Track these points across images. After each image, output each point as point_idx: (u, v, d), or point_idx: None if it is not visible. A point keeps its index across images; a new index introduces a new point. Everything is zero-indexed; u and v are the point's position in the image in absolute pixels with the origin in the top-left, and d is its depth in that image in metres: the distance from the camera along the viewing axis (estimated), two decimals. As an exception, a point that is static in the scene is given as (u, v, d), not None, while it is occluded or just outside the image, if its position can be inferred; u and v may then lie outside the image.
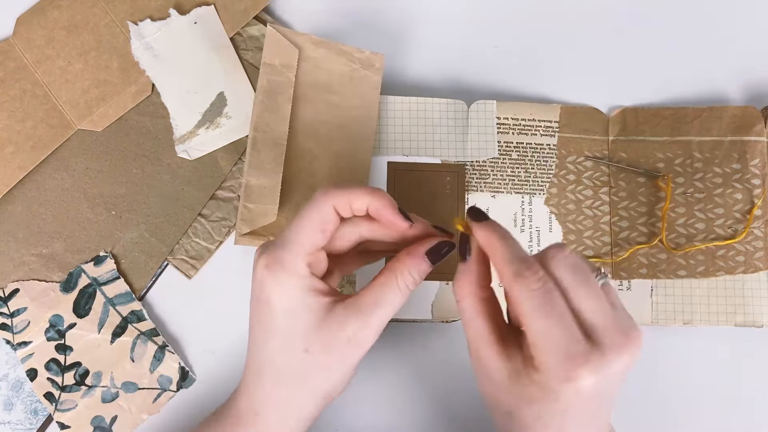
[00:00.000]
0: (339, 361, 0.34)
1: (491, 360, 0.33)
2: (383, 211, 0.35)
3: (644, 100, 0.51)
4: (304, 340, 0.34)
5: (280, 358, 0.34)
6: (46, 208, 0.47)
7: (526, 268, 0.31)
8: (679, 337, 0.48)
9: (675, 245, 0.48)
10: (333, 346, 0.34)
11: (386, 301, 0.34)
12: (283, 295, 0.34)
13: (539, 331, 0.30)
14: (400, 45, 0.51)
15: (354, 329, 0.33)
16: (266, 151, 0.45)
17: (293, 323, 0.34)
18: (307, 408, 0.35)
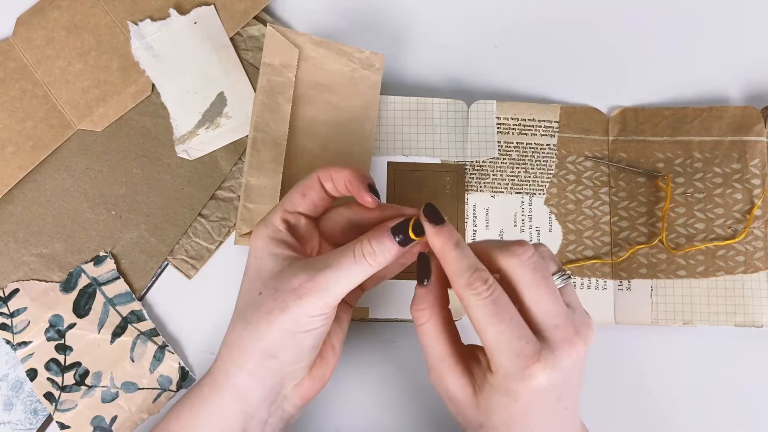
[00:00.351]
0: (280, 308, 0.34)
1: (454, 382, 0.35)
2: (354, 182, 0.36)
3: (644, 100, 0.51)
4: (261, 284, 0.35)
5: (242, 301, 0.36)
6: (46, 208, 0.47)
7: (476, 278, 0.33)
8: (679, 337, 0.48)
9: (675, 245, 0.48)
10: (279, 291, 0.34)
11: (336, 263, 0.34)
12: (256, 242, 0.37)
13: (492, 337, 0.32)
14: (400, 45, 0.51)
15: (300, 280, 0.34)
16: (266, 151, 0.45)
17: (259, 268, 0.36)
18: (250, 359, 0.35)
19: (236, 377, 0.35)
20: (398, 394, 0.47)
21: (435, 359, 0.36)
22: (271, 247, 0.36)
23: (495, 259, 0.34)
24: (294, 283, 0.34)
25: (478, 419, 0.35)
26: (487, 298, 0.32)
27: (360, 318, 0.46)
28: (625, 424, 0.46)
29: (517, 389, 0.33)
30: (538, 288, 0.33)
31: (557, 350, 0.33)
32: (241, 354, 0.35)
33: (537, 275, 0.33)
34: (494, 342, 0.32)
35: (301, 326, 0.34)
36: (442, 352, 0.35)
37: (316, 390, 0.38)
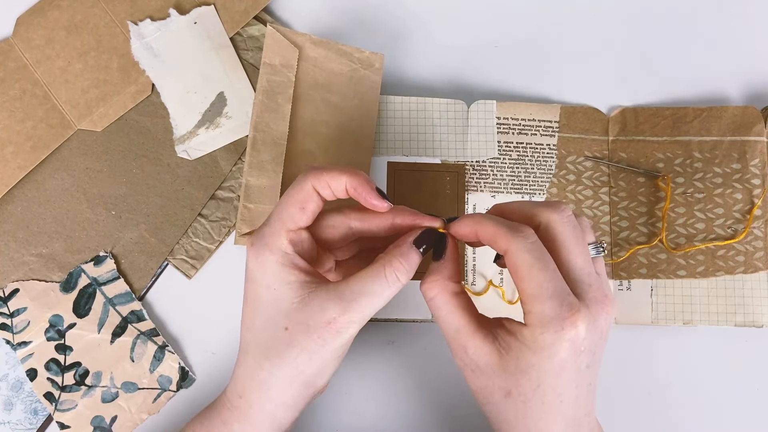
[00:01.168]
0: (318, 344, 0.34)
1: (478, 347, 0.34)
2: (360, 189, 0.35)
3: (644, 100, 0.51)
4: (285, 318, 0.34)
5: (262, 335, 0.35)
6: (46, 208, 0.47)
7: (520, 225, 0.33)
8: (679, 337, 0.48)
9: (675, 245, 0.48)
10: (312, 327, 0.33)
11: (370, 290, 0.34)
12: (264, 270, 0.35)
13: (537, 282, 0.32)
14: (400, 45, 0.51)
15: (334, 314, 0.33)
16: (266, 151, 0.45)
17: (275, 299, 0.34)
18: (287, 391, 0.35)
19: (273, 412, 0.35)
20: (398, 394, 0.47)
21: (453, 330, 0.34)
22: (284, 274, 0.34)
23: (536, 214, 0.34)
24: (328, 316, 0.33)
25: (505, 386, 0.33)
26: (534, 243, 0.32)
27: (360, 318, 0.46)
28: (624, 424, 0.46)
29: (554, 342, 0.31)
30: (576, 245, 0.33)
31: (592, 307, 0.32)
32: (278, 391, 0.35)
33: (576, 232, 0.34)
34: (539, 288, 0.32)
35: (337, 353, 0.35)
36: (460, 320, 0.34)
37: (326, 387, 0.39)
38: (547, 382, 0.32)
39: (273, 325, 0.34)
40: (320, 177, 0.35)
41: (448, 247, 0.36)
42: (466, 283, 0.47)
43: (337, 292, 0.34)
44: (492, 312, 0.46)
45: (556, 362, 0.32)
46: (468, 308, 0.35)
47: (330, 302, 0.33)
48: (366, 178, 0.35)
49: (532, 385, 0.33)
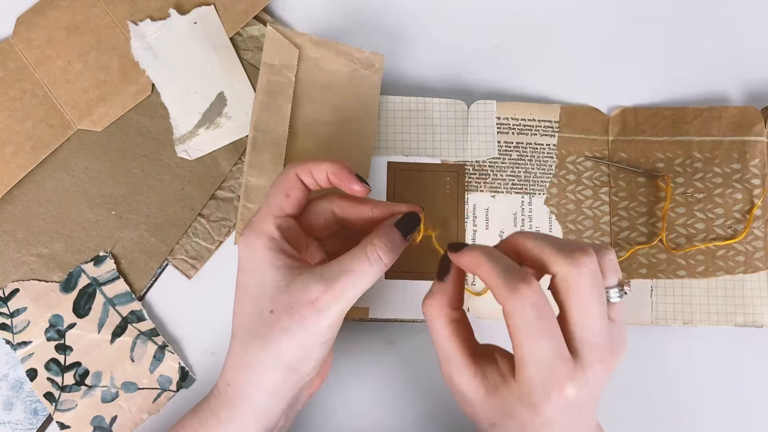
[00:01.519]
0: (300, 324, 0.33)
1: (466, 381, 0.34)
2: (340, 175, 0.36)
3: (644, 100, 0.51)
4: (270, 300, 0.34)
5: (249, 320, 0.35)
6: (46, 208, 0.47)
7: (520, 280, 0.31)
8: (679, 337, 0.48)
9: (675, 245, 0.48)
10: (295, 307, 0.33)
11: (352, 269, 0.34)
12: (252, 256, 0.35)
13: (528, 350, 0.31)
14: (400, 45, 0.51)
15: (316, 293, 0.33)
16: (266, 151, 0.45)
17: (262, 283, 0.35)
18: (270, 377, 0.34)
19: (258, 399, 0.35)
20: (398, 394, 0.47)
21: (444, 356, 0.35)
22: (272, 258, 0.35)
23: (550, 262, 0.32)
24: (310, 295, 0.33)
25: (491, 419, 0.34)
26: (533, 305, 0.30)
27: (360, 318, 0.46)
28: (624, 424, 0.46)
29: (541, 403, 0.31)
30: (588, 305, 0.31)
31: (589, 370, 0.31)
32: (261, 374, 0.35)
33: (592, 291, 0.31)
34: (529, 355, 0.31)
35: (321, 337, 0.34)
36: (453, 349, 0.34)
37: (321, 384, 0.39)
38: (533, 428, 0.32)
39: (259, 308, 0.34)
40: (303, 166, 0.36)
41: (452, 271, 0.35)
42: (466, 282, 0.47)
43: (320, 272, 0.34)
44: (491, 312, 0.46)
45: (543, 417, 0.32)
46: (463, 337, 0.35)
47: (312, 282, 0.34)
48: (345, 165, 0.36)
49: (518, 426, 0.33)
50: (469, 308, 0.46)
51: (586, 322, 0.32)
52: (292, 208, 0.36)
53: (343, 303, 0.34)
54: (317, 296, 0.33)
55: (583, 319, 0.32)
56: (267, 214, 0.36)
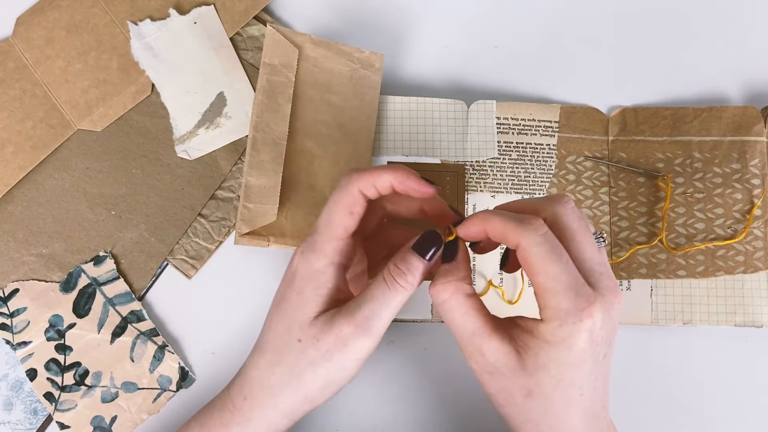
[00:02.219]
0: (325, 357, 0.34)
1: (496, 349, 0.33)
2: (408, 183, 0.35)
3: (644, 100, 0.51)
4: (300, 330, 0.34)
5: (280, 342, 0.35)
6: (46, 208, 0.47)
7: (530, 218, 0.32)
8: (679, 337, 0.48)
9: (675, 245, 0.48)
10: (321, 341, 0.34)
11: (372, 297, 0.34)
12: (303, 274, 0.35)
13: (553, 275, 0.31)
14: (400, 45, 0.51)
15: (340, 325, 0.33)
16: (266, 151, 0.45)
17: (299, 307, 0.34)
18: (289, 402, 0.35)
19: (272, 418, 0.36)
20: (398, 394, 0.47)
21: (469, 333, 0.34)
22: (318, 285, 0.34)
23: (540, 209, 0.34)
24: (336, 330, 0.33)
25: (526, 385, 0.33)
26: (545, 235, 0.32)
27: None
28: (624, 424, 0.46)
29: (572, 334, 0.31)
30: (586, 235, 0.33)
31: (606, 296, 0.32)
32: (281, 399, 0.35)
33: (583, 223, 0.33)
34: (554, 280, 0.31)
35: (346, 372, 0.35)
36: (476, 322, 0.34)
37: None
38: (567, 375, 0.32)
39: (290, 333, 0.35)
40: (365, 179, 0.35)
41: (460, 249, 0.35)
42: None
43: (346, 307, 0.34)
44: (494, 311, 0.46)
45: (575, 354, 0.32)
46: (482, 310, 0.34)
47: (338, 316, 0.34)
48: (408, 171, 0.35)
49: (553, 381, 0.32)
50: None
51: (588, 252, 0.33)
52: (354, 225, 0.35)
53: (370, 335, 0.34)
54: (342, 330, 0.33)
55: (586, 250, 0.33)
56: (331, 236, 0.35)
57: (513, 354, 0.33)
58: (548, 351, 0.32)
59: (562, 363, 0.32)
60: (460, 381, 0.47)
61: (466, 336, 0.34)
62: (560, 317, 0.31)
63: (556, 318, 0.32)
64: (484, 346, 0.34)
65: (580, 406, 0.33)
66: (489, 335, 0.33)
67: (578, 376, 0.32)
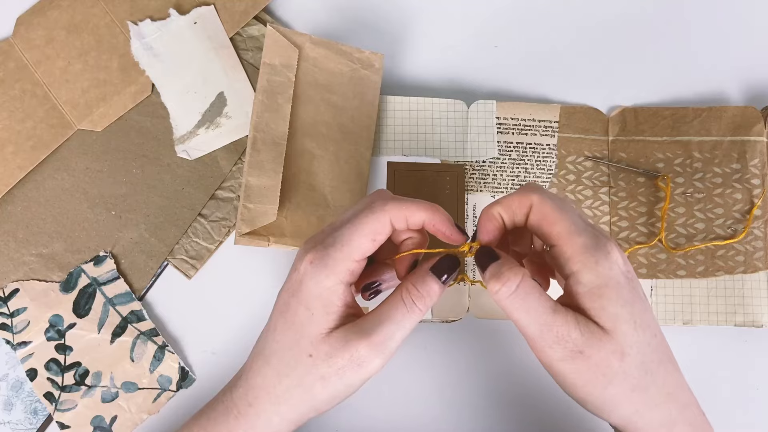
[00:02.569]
0: (337, 375, 0.34)
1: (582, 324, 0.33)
2: (440, 226, 0.35)
3: (644, 100, 0.51)
4: (311, 345, 0.34)
5: (288, 353, 0.35)
6: (46, 208, 0.47)
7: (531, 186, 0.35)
8: (679, 337, 0.48)
9: (675, 245, 0.48)
10: (333, 359, 0.34)
11: (389, 318, 0.34)
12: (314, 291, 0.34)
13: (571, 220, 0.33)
14: (400, 45, 0.51)
15: (356, 346, 0.33)
16: (266, 151, 0.45)
17: (309, 323, 0.34)
18: (298, 411, 0.35)
19: (278, 425, 0.36)
20: (398, 394, 0.47)
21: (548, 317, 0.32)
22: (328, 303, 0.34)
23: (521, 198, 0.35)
24: (350, 350, 0.33)
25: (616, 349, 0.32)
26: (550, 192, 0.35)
27: (360, 318, 0.46)
28: (625, 424, 0.46)
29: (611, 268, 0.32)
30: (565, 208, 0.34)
31: (610, 239, 0.34)
32: (288, 408, 0.35)
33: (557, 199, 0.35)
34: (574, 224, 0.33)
35: (355, 389, 0.35)
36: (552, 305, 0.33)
37: None
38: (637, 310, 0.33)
39: (299, 347, 0.34)
40: (400, 211, 0.35)
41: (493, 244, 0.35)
42: (466, 283, 0.47)
43: (359, 325, 0.34)
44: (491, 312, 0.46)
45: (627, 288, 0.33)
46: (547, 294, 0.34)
47: (352, 335, 0.34)
48: (444, 214, 0.35)
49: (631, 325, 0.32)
50: (469, 308, 0.46)
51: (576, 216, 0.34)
52: (373, 251, 0.35)
53: (384, 356, 0.34)
54: (358, 350, 0.33)
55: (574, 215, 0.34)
56: (348, 255, 0.34)
57: (588, 324, 0.33)
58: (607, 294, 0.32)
59: (625, 301, 0.33)
60: (460, 381, 0.47)
61: (547, 320, 0.32)
62: (594, 254, 0.32)
63: (590, 255, 0.32)
64: (569, 324, 0.32)
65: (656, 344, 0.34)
66: (568, 313, 0.33)
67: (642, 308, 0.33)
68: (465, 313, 0.46)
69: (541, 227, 0.34)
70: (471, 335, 0.47)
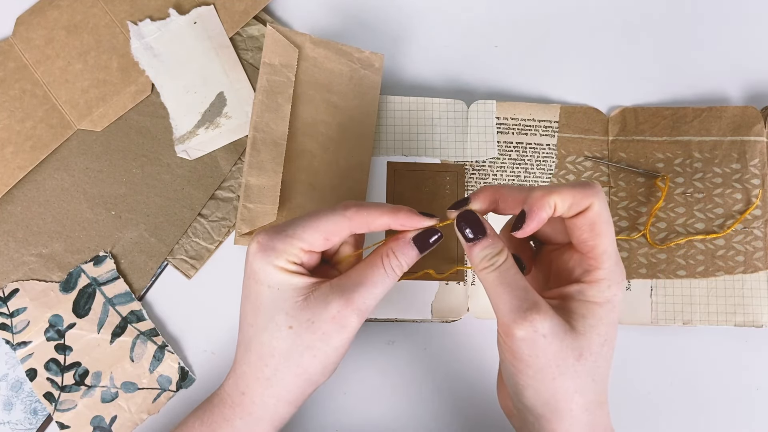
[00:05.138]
0: (322, 340, 0.34)
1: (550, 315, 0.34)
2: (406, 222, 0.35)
3: (644, 100, 0.51)
4: (287, 317, 0.34)
5: (266, 335, 0.35)
6: (46, 208, 0.47)
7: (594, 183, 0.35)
8: (679, 337, 0.48)
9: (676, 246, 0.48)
10: (316, 324, 0.34)
11: (370, 280, 0.34)
12: (267, 271, 0.35)
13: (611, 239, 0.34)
14: (400, 45, 0.51)
15: (338, 307, 0.34)
16: (266, 151, 0.45)
17: (278, 300, 0.34)
18: (292, 389, 0.35)
19: (275, 407, 0.36)
20: (397, 394, 0.47)
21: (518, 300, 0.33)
22: (288, 277, 0.35)
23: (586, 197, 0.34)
24: (331, 310, 0.34)
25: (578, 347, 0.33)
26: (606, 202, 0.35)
27: (360, 318, 0.46)
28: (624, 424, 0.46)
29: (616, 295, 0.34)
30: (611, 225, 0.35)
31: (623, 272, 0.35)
32: (283, 388, 0.35)
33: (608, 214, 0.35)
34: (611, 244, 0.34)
35: (342, 350, 0.35)
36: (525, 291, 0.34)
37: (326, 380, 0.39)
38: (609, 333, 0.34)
39: (276, 323, 0.35)
40: (360, 217, 0.35)
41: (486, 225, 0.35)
42: (466, 283, 0.47)
43: (338, 285, 0.34)
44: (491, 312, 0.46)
45: (615, 315, 0.34)
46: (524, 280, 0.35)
47: (332, 296, 0.34)
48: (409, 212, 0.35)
49: (600, 339, 0.34)
50: (469, 308, 0.46)
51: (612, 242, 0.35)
52: (324, 248, 0.36)
53: (363, 315, 0.34)
54: (338, 310, 0.34)
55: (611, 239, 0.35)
56: (297, 243, 0.35)
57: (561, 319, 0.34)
58: (596, 311, 0.34)
59: (606, 323, 0.34)
60: (460, 380, 0.47)
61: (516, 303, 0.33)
62: (611, 279, 0.34)
63: (608, 279, 0.34)
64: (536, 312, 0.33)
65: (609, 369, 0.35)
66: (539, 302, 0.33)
67: (614, 336, 0.35)
68: (465, 313, 0.46)
69: (583, 232, 0.34)
70: (471, 335, 0.47)
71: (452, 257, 0.47)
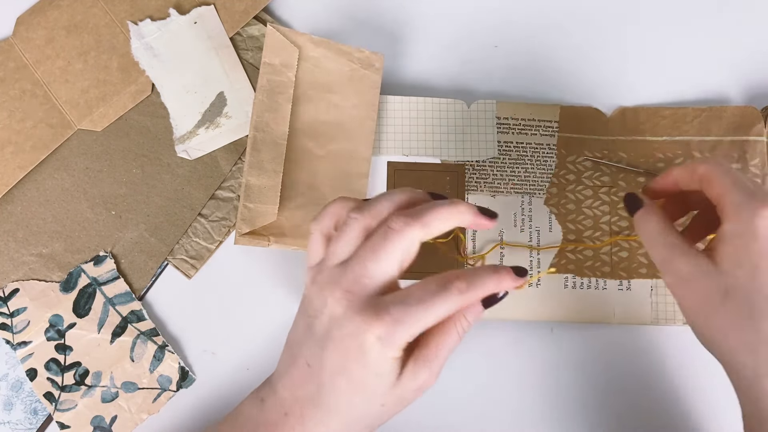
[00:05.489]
0: (403, 405, 0.36)
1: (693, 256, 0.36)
2: (474, 223, 0.36)
3: (644, 100, 0.51)
4: (382, 396, 0.35)
5: (357, 411, 0.35)
6: (46, 208, 0.47)
7: None
8: (679, 337, 0.48)
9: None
10: (404, 397, 0.35)
11: (446, 347, 0.35)
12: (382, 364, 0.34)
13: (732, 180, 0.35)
14: (400, 45, 0.51)
15: (424, 378, 0.35)
16: (266, 150, 0.45)
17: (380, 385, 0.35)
18: None
19: None
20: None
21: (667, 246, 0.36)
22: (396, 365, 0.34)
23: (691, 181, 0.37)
24: (419, 382, 0.35)
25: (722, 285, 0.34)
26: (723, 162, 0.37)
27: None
28: (624, 423, 0.46)
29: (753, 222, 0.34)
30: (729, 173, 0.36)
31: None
32: None
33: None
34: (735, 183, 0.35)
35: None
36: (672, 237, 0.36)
37: None
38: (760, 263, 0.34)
39: (370, 402, 0.35)
40: (427, 226, 0.34)
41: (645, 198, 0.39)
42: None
43: (424, 359, 0.35)
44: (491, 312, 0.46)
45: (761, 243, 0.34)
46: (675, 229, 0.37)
47: (420, 369, 0.35)
48: (472, 211, 0.36)
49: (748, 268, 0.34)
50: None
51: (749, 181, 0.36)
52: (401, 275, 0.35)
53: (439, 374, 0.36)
54: (424, 381, 0.35)
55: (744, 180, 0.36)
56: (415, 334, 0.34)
57: (705, 258, 0.35)
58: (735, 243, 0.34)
59: (751, 252, 0.34)
60: (460, 380, 0.47)
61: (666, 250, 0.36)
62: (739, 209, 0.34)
63: (736, 211, 0.34)
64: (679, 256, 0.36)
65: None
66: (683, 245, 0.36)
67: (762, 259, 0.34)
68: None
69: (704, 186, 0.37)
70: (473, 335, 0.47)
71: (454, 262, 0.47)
